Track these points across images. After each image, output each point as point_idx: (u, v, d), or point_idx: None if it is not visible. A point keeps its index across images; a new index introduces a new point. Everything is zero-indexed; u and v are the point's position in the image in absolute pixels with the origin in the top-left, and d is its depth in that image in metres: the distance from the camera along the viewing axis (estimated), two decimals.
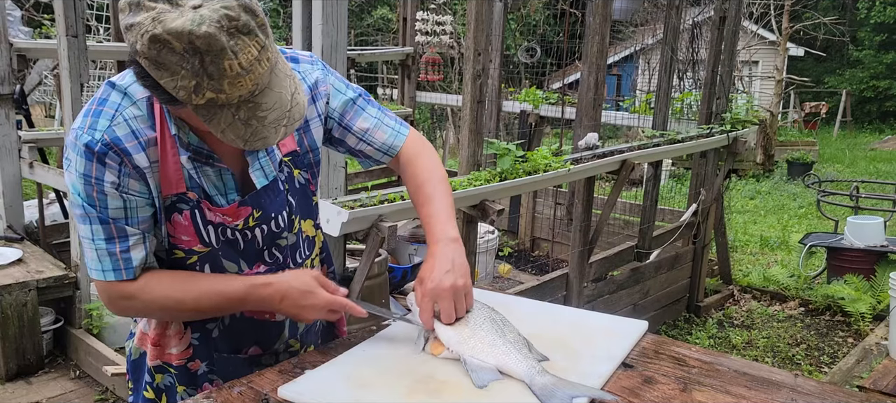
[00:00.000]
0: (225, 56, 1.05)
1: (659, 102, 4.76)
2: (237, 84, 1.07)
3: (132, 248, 1.27)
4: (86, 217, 1.24)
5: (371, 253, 2.68)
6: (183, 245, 1.33)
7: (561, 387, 1.18)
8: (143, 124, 1.24)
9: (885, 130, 19.15)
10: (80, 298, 3.80)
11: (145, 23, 1.04)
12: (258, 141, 1.13)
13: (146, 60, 1.06)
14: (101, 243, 1.26)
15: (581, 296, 4.04)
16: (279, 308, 1.35)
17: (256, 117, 1.12)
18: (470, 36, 3.06)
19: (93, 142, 1.20)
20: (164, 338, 1.44)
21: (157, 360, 1.45)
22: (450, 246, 1.38)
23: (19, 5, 7.05)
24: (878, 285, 5.16)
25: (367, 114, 1.49)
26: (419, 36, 6.96)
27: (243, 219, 1.34)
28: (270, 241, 1.39)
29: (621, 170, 3.85)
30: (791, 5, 12.74)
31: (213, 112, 1.10)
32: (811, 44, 16.76)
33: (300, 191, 1.43)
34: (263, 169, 1.34)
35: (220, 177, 1.31)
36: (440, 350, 1.32)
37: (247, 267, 1.39)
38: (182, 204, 1.29)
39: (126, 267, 1.27)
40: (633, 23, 11.35)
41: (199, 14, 1.04)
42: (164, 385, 1.47)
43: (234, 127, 1.11)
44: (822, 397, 1.22)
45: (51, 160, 5.05)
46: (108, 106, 1.23)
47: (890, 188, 8.99)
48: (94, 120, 1.22)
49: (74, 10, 3.47)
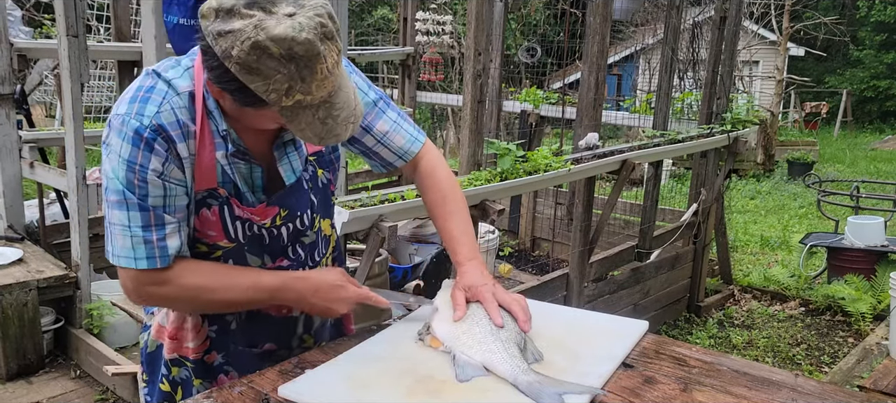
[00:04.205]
0: (319, 61, 1.12)
1: (659, 102, 4.75)
2: (323, 86, 1.15)
3: (169, 237, 1.28)
4: (123, 203, 1.24)
5: (371, 253, 2.69)
6: (208, 240, 1.36)
7: (548, 385, 1.19)
8: (185, 116, 1.26)
9: (885, 130, 19.14)
10: (80, 298, 3.80)
11: (246, 29, 1.09)
12: (332, 137, 1.20)
13: (238, 65, 1.10)
14: (138, 230, 1.25)
15: (581, 296, 4.04)
16: (311, 301, 1.39)
17: (332, 116, 1.19)
18: (470, 36, 3.06)
19: (142, 127, 1.22)
20: (181, 332, 1.45)
21: (174, 353, 1.47)
22: (479, 266, 1.48)
23: (20, 5, 7.05)
24: (878, 285, 5.15)
25: (387, 117, 1.53)
26: (419, 36, 6.96)
27: (271, 218, 1.38)
28: (295, 239, 1.44)
29: (622, 169, 3.85)
30: (791, 5, 12.74)
31: (296, 112, 1.16)
32: (812, 43, 16.76)
33: (322, 190, 1.48)
34: (292, 164, 1.39)
35: (250, 172, 1.35)
36: (438, 344, 1.36)
37: (270, 261, 1.43)
38: (212, 199, 1.32)
39: (161, 256, 1.27)
40: (634, 23, 11.35)
41: (296, 21, 1.10)
42: (180, 379, 1.48)
43: (313, 125, 1.18)
44: (823, 397, 1.22)
45: (51, 160, 5.05)
46: (156, 93, 1.25)
47: (890, 188, 8.99)
48: (141, 105, 1.23)
49: (75, 10, 3.47)
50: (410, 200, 2.72)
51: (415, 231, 4.88)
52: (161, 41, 3.28)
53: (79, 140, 3.64)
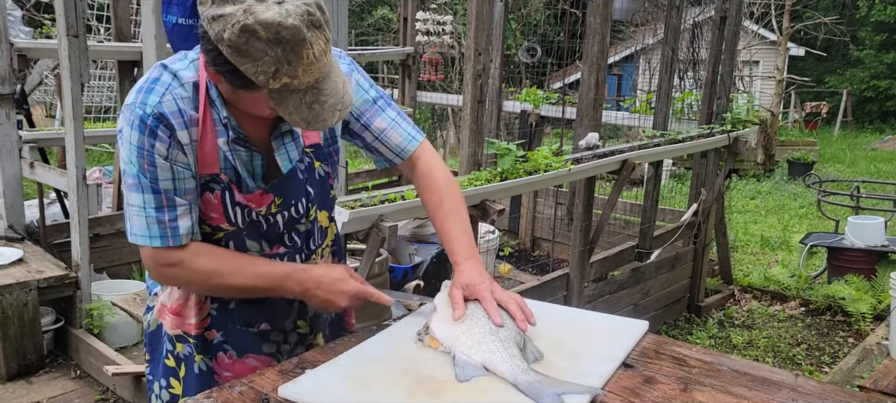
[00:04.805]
0: (304, 46, 1.20)
1: (659, 102, 4.75)
2: (309, 71, 1.22)
3: (179, 218, 1.37)
4: (138, 186, 1.34)
5: (372, 252, 2.69)
6: (211, 222, 1.44)
7: (548, 385, 1.19)
8: (187, 105, 1.35)
9: (885, 130, 19.13)
10: (80, 298, 3.80)
11: (237, 14, 1.17)
12: (319, 122, 1.27)
13: (229, 47, 1.19)
14: (152, 211, 1.35)
15: (581, 296, 4.04)
16: (314, 293, 1.44)
17: (318, 101, 1.26)
18: (470, 36, 3.06)
19: (145, 115, 1.31)
20: (184, 309, 1.52)
21: (178, 329, 1.53)
22: (477, 265, 1.50)
23: (20, 5, 7.05)
24: (878, 285, 5.15)
25: (385, 115, 1.59)
26: (419, 36, 6.96)
27: (266, 206, 1.45)
28: (290, 226, 1.50)
29: (622, 169, 3.85)
30: (791, 5, 12.74)
31: (284, 96, 1.24)
32: (812, 43, 16.76)
33: (320, 182, 1.53)
34: (288, 154, 1.46)
35: (250, 159, 1.43)
36: (438, 345, 1.37)
37: (267, 247, 1.50)
38: (214, 184, 1.40)
39: (173, 235, 1.36)
40: (634, 23, 11.35)
41: (285, 8, 1.18)
42: (183, 355, 1.55)
43: (300, 109, 1.25)
44: (823, 397, 1.22)
45: (51, 160, 5.05)
46: (160, 84, 1.35)
47: (891, 188, 8.99)
48: (145, 96, 1.33)
49: (75, 10, 3.47)
50: (410, 200, 2.73)
51: (415, 231, 4.87)
52: (161, 41, 3.28)
53: (79, 140, 3.64)
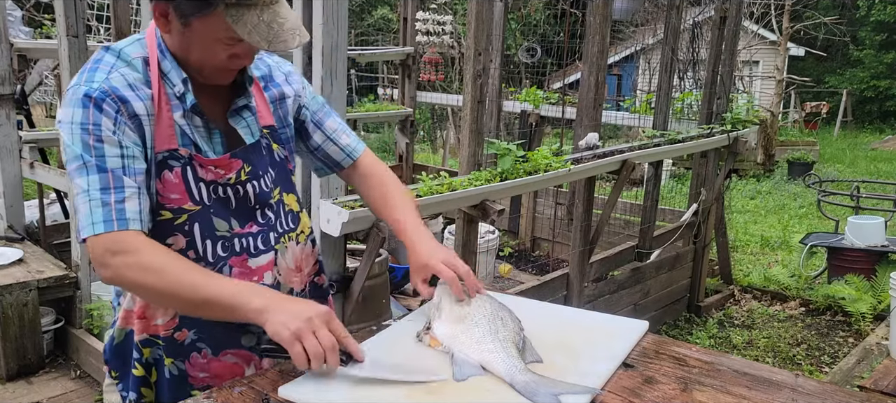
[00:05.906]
0: None
1: (659, 102, 4.75)
2: None
3: (127, 200, 1.27)
4: (82, 168, 1.26)
5: (372, 253, 2.68)
6: (171, 204, 1.35)
7: (544, 385, 1.20)
8: (138, 81, 1.33)
9: (885, 130, 19.13)
10: (80, 298, 3.80)
11: None
12: (280, 42, 1.28)
13: None
14: (97, 193, 1.26)
15: (581, 296, 4.04)
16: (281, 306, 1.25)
17: (277, 22, 1.28)
18: (470, 36, 3.06)
19: (90, 90, 1.28)
20: (149, 310, 1.43)
21: (144, 334, 1.44)
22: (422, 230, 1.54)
23: (20, 5, 7.05)
24: (878, 285, 5.15)
25: (334, 118, 1.66)
26: (420, 36, 6.97)
27: (235, 172, 1.41)
28: (263, 201, 1.46)
29: (622, 169, 3.85)
30: (791, 5, 12.75)
31: (241, 13, 1.26)
32: (812, 43, 16.76)
33: (280, 164, 1.52)
34: (250, 128, 1.45)
35: (209, 135, 1.40)
36: (438, 344, 1.37)
37: (238, 225, 1.42)
38: (173, 160, 1.35)
39: (119, 219, 1.26)
40: (634, 23, 11.35)
41: None
42: (152, 359, 1.46)
43: (259, 27, 1.27)
44: (823, 397, 1.22)
45: (51, 160, 5.05)
46: (104, 64, 1.33)
47: (891, 188, 8.99)
48: (90, 74, 1.31)
49: (75, 10, 3.47)
50: None
51: None
52: None
53: None
